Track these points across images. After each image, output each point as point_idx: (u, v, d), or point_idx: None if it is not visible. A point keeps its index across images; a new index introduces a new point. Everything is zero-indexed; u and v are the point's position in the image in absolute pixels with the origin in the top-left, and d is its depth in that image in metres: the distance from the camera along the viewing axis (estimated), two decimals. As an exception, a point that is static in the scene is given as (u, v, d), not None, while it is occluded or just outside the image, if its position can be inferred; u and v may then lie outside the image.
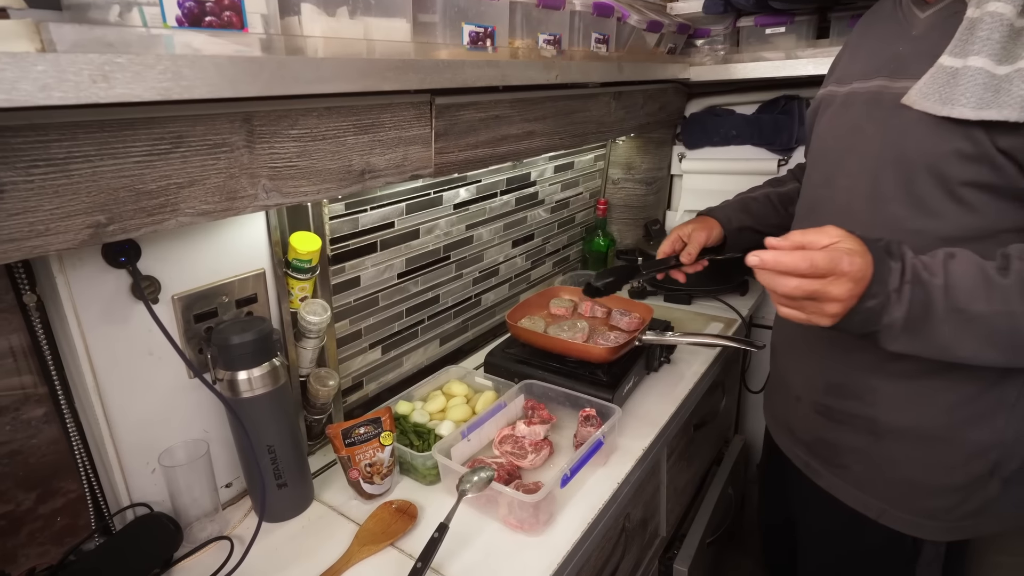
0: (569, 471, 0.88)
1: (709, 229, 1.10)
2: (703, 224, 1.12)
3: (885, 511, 0.85)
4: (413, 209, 1.16)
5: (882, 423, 0.82)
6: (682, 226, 1.14)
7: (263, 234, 0.89)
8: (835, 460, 0.89)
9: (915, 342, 0.66)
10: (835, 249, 0.63)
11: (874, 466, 0.85)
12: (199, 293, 0.82)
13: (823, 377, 0.89)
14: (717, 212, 1.15)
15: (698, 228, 1.10)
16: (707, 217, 1.14)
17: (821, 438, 0.90)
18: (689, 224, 1.13)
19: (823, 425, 0.89)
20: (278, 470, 0.88)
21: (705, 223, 1.12)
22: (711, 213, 1.15)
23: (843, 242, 0.64)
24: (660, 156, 1.83)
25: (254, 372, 0.83)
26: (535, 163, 1.48)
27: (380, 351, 1.19)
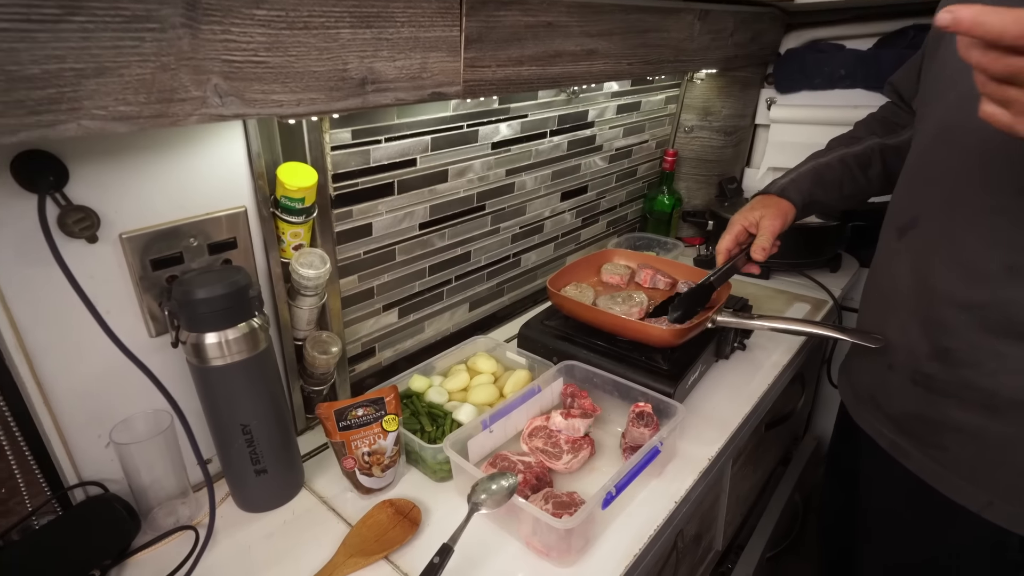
0: (615, 488, 0.69)
1: (783, 215, 0.90)
2: (774, 209, 0.90)
3: (991, 504, 0.69)
4: (440, 145, 0.95)
5: (1004, 397, 0.66)
6: (746, 213, 0.92)
7: (243, 162, 0.70)
8: (932, 440, 0.74)
9: None
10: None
11: (985, 449, 0.69)
12: (157, 232, 0.65)
13: (930, 339, 0.72)
14: (791, 192, 0.93)
15: (769, 215, 0.90)
16: (776, 199, 0.92)
17: (917, 414, 0.75)
18: (755, 210, 0.91)
19: (921, 398, 0.74)
20: (255, 454, 0.72)
21: (777, 207, 0.90)
22: (783, 194, 0.93)
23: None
24: (745, 101, 1.54)
25: (226, 335, 0.66)
26: (594, 99, 1.23)
27: (396, 314, 1.01)
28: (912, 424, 0.76)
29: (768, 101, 1.56)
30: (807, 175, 0.94)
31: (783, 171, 1.60)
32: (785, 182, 0.94)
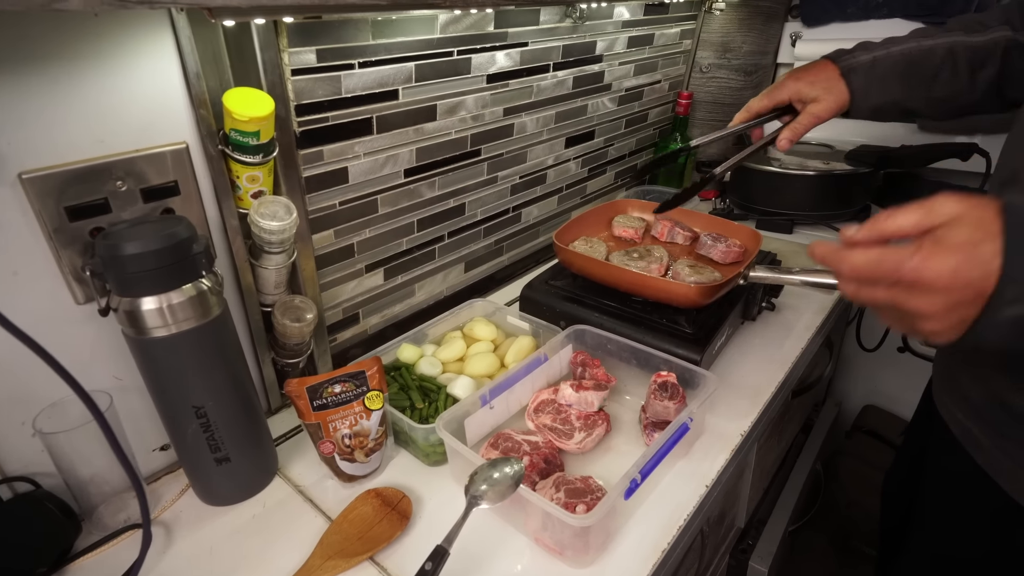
0: (639, 475, 0.58)
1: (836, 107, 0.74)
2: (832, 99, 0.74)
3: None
4: (426, 75, 0.81)
5: None
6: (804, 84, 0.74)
7: (178, 86, 0.57)
8: (1011, 432, 0.60)
9: None
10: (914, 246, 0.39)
11: None
12: (71, 172, 0.52)
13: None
14: (857, 80, 0.73)
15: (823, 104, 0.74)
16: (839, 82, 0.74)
17: (1001, 400, 0.60)
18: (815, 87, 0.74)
19: (1006, 384, 0.59)
20: (214, 439, 0.61)
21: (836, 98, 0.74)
22: (848, 78, 0.74)
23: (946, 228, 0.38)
24: (767, 36, 1.38)
25: (168, 299, 0.54)
26: (603, 28, 1.08)
27: (382, 275, 0.89)
28: (991, 412, 0.63)
29: (793, 36, 1.40)
30: (894, 62, 0.73)
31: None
32: (860, 61, 0.74)
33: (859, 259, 0.41)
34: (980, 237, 0.37)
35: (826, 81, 0.74)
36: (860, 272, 0.41)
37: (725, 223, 0.97)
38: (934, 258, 0.37)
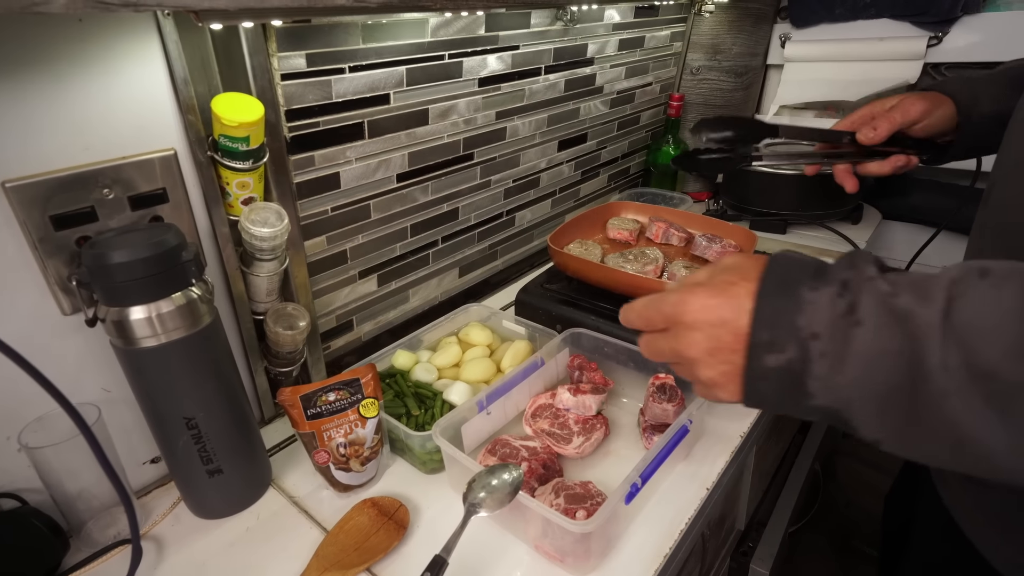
0: (640, 479, 0.57)
1: (929, 101, 0.67)
2: (927, 96, 0.68)
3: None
4: (418, 79, 0.80)
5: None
6: (882, 100, 0.70)
7: (165, 92, 0.56)
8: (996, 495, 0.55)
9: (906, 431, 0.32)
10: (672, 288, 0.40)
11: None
12: (56, 181, 0.51)
13: None
14: (953, 85, 0.68)
15: (909, 99, 0.68)
16: (934, 92, 0.69)
17: None
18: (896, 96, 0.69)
19: None
20: (206, 451, 0.59)
21: (932, 97, 0.68)
22: (944, 87, 0.69)
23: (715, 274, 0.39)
24: (757, 37, 1.39)
25: (157, 308, 0.53)
26: (593, 31, 1.08)
27: (375, 281, 0.88)
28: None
29: (782, 38, 1.41)
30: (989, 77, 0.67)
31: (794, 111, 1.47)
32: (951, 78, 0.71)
33: (639, 303, 0.41)
34: (737, 279, 0.36)
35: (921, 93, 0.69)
36: (641, 314, 0.41)
37: (719, 224, 0.97)
38: (692, 295, 0.37)
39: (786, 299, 0.34)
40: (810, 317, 0.33)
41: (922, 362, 0.29)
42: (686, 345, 0.38)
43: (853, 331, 0.31)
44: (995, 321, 0.28)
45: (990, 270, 0.30)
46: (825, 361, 0.32)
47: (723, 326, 0.36)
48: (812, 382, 0.33)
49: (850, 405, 0.32)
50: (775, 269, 0.36)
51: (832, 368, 0.32)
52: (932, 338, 0.29)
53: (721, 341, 0.36)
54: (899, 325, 0.30)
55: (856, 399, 0.32)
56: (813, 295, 0.33)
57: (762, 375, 0.35)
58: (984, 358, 0.28)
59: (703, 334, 0.37)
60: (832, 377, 0.32)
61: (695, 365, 0.38)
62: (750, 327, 0.34)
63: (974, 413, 0.28)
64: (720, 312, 0.36)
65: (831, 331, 0.32)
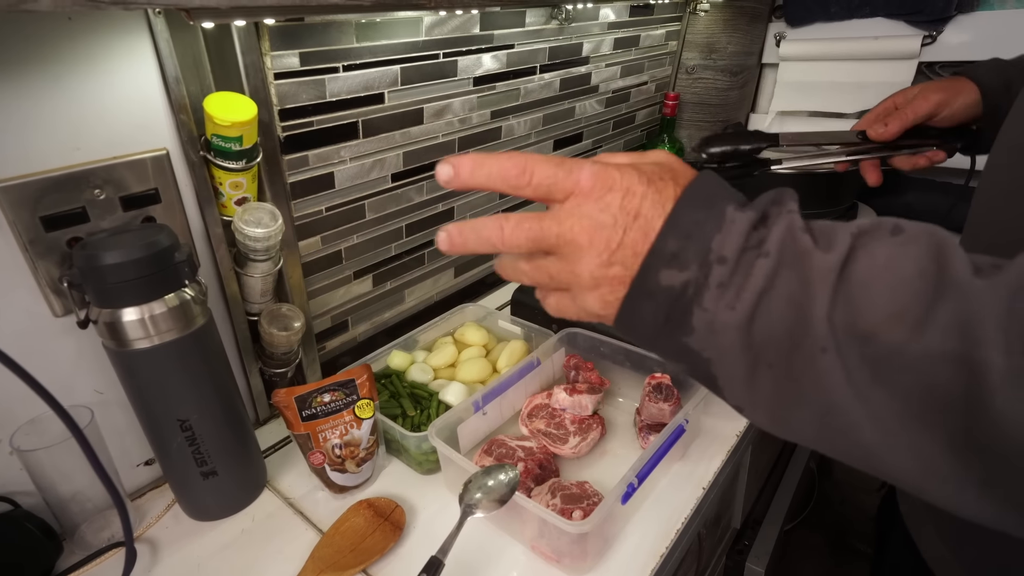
0: (636, 479, 0.57)
1: (952, 93, 0.63)
2: (946, 86, 0.64)
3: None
4: (412, 78, 0.80)
5: None
6: (905, 90, 0.67)
7: (157, 91, 0.55)
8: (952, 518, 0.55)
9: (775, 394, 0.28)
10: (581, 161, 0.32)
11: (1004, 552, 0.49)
12: (47, 181, 0.51)
13: None
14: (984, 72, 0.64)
15: (931, 87, 0.64)
16: (960, 78, 0.64)
17: None
18: (916, 87, 0.66)
19: None
20: (200, 453, 0.59)
21: (952, 86, 0.64)
22: (973, 72, 0.64)
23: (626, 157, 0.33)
24: (752, 36, 1.38)
25: (150, 310, 0.52)
26: (588, 30, 1.08)
27: (371, 281, 0.88)
28: None
29: (777, 36, 1.41)
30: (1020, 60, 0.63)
31: (793, 117, 1.48)
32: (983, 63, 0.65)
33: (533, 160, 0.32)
34: (668, 176, 0.31)
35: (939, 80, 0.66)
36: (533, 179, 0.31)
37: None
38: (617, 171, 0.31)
39: (708, 213, 0.30)
40: (725, 237, 0.29)
41: (809, 310, 0.27)
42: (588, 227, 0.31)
43: (757, 262, 0.28)
44: (891, 280, 0.26)
45: (903, 228, 0.28)
46: (721, 293, 0.28)
47: (637, 219, 0.30)
48: (699, 314, 0.29)
49: (722, 355, 0.29)
50: (706, 180, 0.31)
51: (726, 303, 0.28)
52: (824, 285, 0.27)
53: (627, 235, 0.30)
54: (798, 265, 0.27)
55: (731, 348, 0.29)
56: (735, 215, 0.29)
57: (650, 292, 0.30)
58: (867, 317, 0.26)
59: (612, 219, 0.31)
60: (721, 313, 0.28)
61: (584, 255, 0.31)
62: (660, 231, 0.30)
63: (845, 374, 0.26)
64: (640, 203, 0.30)
65: (737, 258, 0.28)
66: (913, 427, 0.25)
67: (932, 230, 0.27)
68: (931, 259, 0.26)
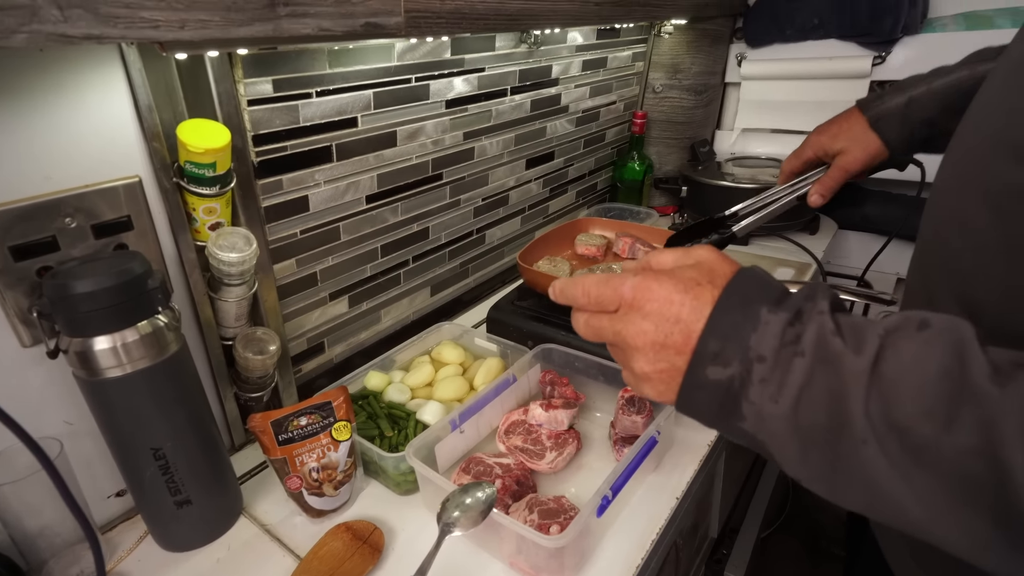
0: (611, 491, 0.58)
1: (867, 158, 0.69)
2: (859, 148, 0.69)
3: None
4: (385, 102, 0.81)
5: None
6: (828, 137, 0.72)
7: (130, 119, 0.55)
8: None
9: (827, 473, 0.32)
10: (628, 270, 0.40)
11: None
12: (16, 211, 0.50)
13: None
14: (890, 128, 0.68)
15: (851, 154, 0.69)
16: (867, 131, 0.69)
17: None
18: (838, 140, 0.70)
19: None
20: (174, 482, 0.58)
21: (864, 147, 0.69)
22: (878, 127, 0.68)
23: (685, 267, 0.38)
24: (715, 56, 1.44)
25: (122, 338, 0.52)
26: (557, 53, 1.11)
27: (346, 303, 0.88)
28: None
29: (738, 57, 1.47)
30: (939, 96, 0.64)
31: (757, 134, 1.53)
32: (890, 106, 0.67)
33: (590, 280, 0.40)
34: (705, 280, 0.36)
35: (851, 131, 0.70)
36: (591, 292, 0.39)
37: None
38: (658, 283, 0.36)
39: (744, 315, 0.34)
40: (760, 338, 0.33)
41: (847, 406, 0.30)
42: (634, 333, 0.37)
43: (794, 360, 0.32)
44: (918, 379, 0.29)
45: (929, 323, 0.31)
46: (764, 388, 0.32)
47: (677, 324, 0.35)
48: (747, 406, 0.33)
49: (774, 438, 0.33)
50: (742, 282, 0.35)
51: (769, 396, 0.32)
52: (859, 384, 0.30)
53: (670, 339, 0.35)
54: (832, 365, 0.31)
55: (781, 434, 0.32)
56: (769, 316, 0.33)
57: (700, 384, 0.35)
58: (902, 412, 0.29)
59: (654, 326, 0.36)
60: (766, 405, 0.32)
61: (635, 353, 0.37)
62: (702, 333, 0.34)
63: (887, 460, 0.29)
64: (679, 310, 0.35)
65: (775, 357, 0.32)
66: (957, 507, 0.28)
67: (955, 326, 0.30)
68: (954, 357, 0.29)
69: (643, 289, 0.37)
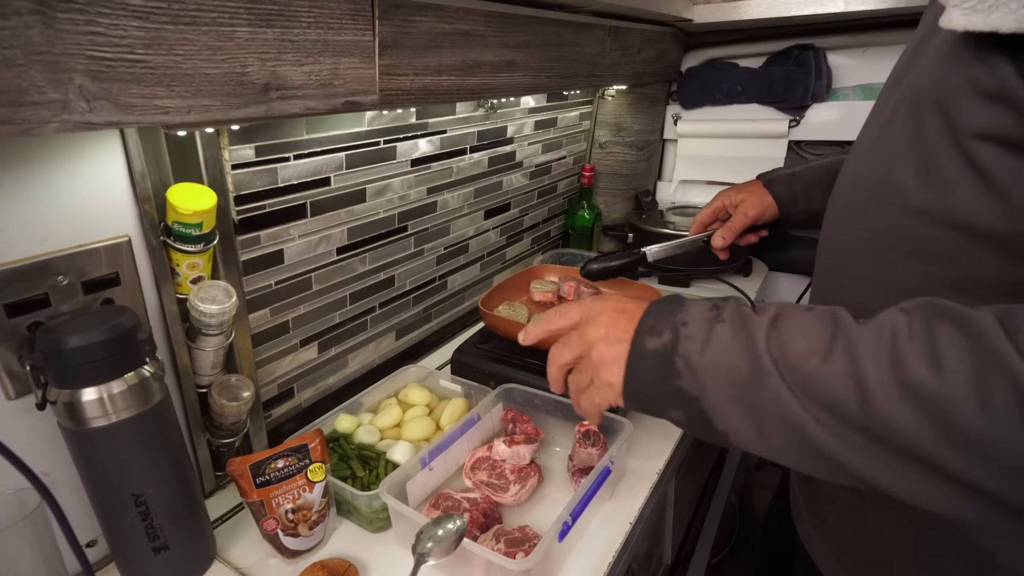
0: (570, 517, 0.64)
1: (762, 209, 0.85)
2: (756, 199, 0.86)
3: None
4: (356, 162, 0.88)
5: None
6: (733, 191, 0.88)
7: (123, 184, 0.60)
8: (816, 507, 0.65)
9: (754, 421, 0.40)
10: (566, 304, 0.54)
11: (853, 528, 0.60)
12: (12, 271, 0.54)
13: None
14: (778, 187, 0.85)
15: (749, 203, 0.85)
16: (763, 188, 0.86)
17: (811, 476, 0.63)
18: (741, 192, 0.87)
19: None
20: (152, 528, 0.60)
21: (760, 199, 0.86)
22: (771, 187, 0.86)
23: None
24: (653, 116, 1.59)
25: (109, 389, 0.55)
26: (512, 115, 1.22)
27: (316, 348, 0.92)
28: (807, 486, 0.67)
29: (674, 117, 1.63)
30: (816, 172, 0.83)
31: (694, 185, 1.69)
32: (779, 174, 0.87)
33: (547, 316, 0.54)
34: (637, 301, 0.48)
35: (750, 189, 0.87)
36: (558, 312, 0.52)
37: (627, 281, 1.09)
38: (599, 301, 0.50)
39: (673, 304, 0.45)
40: (686, 313, 0.44)
41: (755, 350, 0.39)
42: (593, 327, 0.48)
43: (715, 325, 0.42)
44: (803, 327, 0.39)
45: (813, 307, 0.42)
46: (690, 343, 0.42)
47: (623, 314, 0.47)
48: (679, 360, 0.42)
49: (704, 390, 0.41)
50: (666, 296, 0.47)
51: (695, 351, 0.42)
52: (762, 332, 0.40)
53: (618, 324, 0.46)
54: (744, 322, 0.41)
55: (710, 383, 0.41)
56: (692, 303, 0.45)
57: (643, 355, 0.44)
58: (793, 350, 0.38)
59: (607, 318, 0.47)
60: (693, 356, 0.41)
61: (596, 344, 0.47)
62: (642, 316, 0.45)
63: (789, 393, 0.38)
64: (624, 305, 0.48)
65: (699, 322, 0.43)
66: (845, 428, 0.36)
67: (834, 309, 0.41)
68: (831, 315, 0.40)
69: (589, 306, 0.50)
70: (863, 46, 1.37)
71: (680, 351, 0.42)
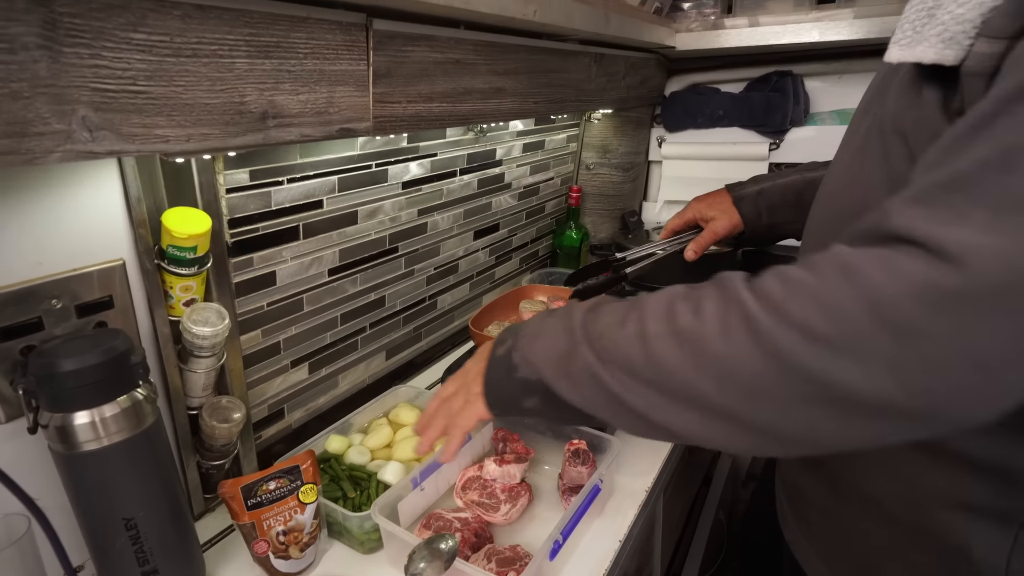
0: (561, 535, 0.65)
1: (731, 227, 0.89)
2: (727, 218, 0.89)
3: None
4: (348, 185, 0.90)
5: (843, 480, 0.59)
6: (705, 205, 0.91)
7: (119, 209, 0.61)
8: (801, 511, 0.67)
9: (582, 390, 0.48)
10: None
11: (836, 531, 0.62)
12: (8, 295, 0.54)
13: None
14: (745, 206, 0.88)
15: (721, 221, 0.89)
16: (732, 208, 0.89)
17: (795, 480, 0.68)
18: (713, 208, 0.90)
19: (799, 463, 0.67)
20: (143, 552, 0.60)
21: (730, 217, 0.89)
22: (738, 205, 0.89)
23: None
24: (638, 139, 1.63)
25: (101, 413, 0.55)
26: (500, 138, 1.24)
27: (307, 369, 0.93)
28: (792, 490, 0.69)
29: (659, 139, 1.67)
30: (780, 191, 0.86)
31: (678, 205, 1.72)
32: (748, 192, 0.89)
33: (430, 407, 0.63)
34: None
35: (722, 205, 0.90)
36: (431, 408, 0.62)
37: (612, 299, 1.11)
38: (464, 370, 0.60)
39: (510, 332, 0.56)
40: (528, 322, 0.54)
41: (573, 334, 0.48)
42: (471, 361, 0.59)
43: (547, 319, 0.52)
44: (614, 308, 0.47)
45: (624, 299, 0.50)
46: (525, 340, 0.52)
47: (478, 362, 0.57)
48: (516, 355, 0.52)
49: (542, 371, 0.49)
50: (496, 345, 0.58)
51: (527, 345, 0.51)
52: (579, 315, 0.49)
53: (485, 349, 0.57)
54: (568, 313, 0.50)
55: (542, 365, 0.49)
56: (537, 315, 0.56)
57: (493, 362, 0.54)
58: (599, 325, 0.47)
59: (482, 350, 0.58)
60: (526, 349, 0.51)
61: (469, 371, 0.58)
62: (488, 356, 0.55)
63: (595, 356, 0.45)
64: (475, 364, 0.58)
65: (534, 322, 0.53)
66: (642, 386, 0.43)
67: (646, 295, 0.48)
68: (637, 298, 0.47)
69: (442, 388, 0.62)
70: (838, 73, 1.42)
71: (517, 347, 0.52)
